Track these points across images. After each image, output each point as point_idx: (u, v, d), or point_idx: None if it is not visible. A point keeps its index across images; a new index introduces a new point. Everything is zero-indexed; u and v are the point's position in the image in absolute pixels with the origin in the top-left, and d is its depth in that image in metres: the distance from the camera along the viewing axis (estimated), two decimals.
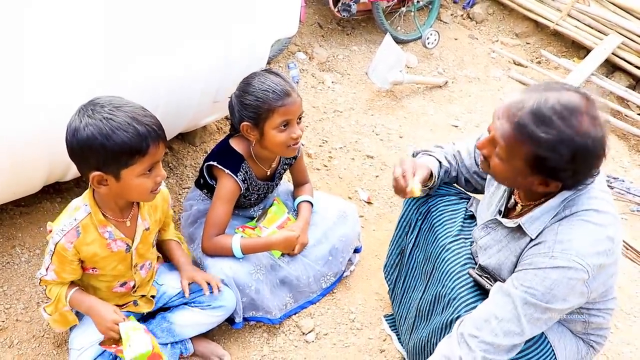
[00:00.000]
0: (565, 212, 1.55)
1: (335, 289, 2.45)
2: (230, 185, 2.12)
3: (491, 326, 1.55)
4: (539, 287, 1.50)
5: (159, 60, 2.08)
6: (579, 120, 1.39)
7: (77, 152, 1.57)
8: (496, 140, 1.52)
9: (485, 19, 5.33)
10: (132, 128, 1.53)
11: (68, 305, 1.83)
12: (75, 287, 1.84)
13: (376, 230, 2.82)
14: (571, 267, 1.47)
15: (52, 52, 1.79)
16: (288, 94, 2.00)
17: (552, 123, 1.40)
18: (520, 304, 1.53)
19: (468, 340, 1.57)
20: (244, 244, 2.11)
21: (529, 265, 1.55)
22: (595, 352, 1.82)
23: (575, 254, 1.48)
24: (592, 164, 1.45)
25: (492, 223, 1.75)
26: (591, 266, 1.48)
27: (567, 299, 1.51)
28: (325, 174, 3.16)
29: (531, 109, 1.43)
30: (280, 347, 2.21)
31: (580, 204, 1.54)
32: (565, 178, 1.47)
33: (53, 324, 1.91)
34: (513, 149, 1.48)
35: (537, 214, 1.58)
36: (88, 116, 1.53)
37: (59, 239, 1.70)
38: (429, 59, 4.64)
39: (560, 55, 4.97)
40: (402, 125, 3.75)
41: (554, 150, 1.41)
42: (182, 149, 3.02)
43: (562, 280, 1.48)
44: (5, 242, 2.35)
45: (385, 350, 2.24)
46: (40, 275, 1.79)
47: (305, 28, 4.45)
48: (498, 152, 1.53)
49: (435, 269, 1.91)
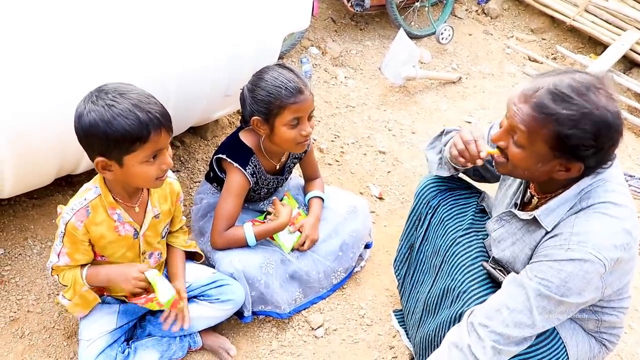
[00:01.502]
0: (582, 204, 1.53)
1: (345, 285, 2.43)
2: (239, 179, 2.12)
3: (502, 316, 1.53)
4: (554, 279, 1.48)
5: (171, 53, 2.08)
6: (596, 95, 1.40)
7: (82, 137, 1.58)
8: (514, 128, 1.50)
9: (500, 14, 5.27)
10: (133, 115, 1.52)
11: (86, 285, 1.82)
12: (87, 265, 1.83)
13: (387, 226, 2.80)
14: (587, 260, 1.45)
15: (63, 46, 1.80)
16: (300, 91, 1.98)
17: (572, 99, 1.40)
18: (534, 296, 1.50)
19: (478, 330, 1.55)
20: (256, 231, 2.12)
21: (544, 257, 1.53)
22: (608, 351, 1.79)
23: (592, 246, 1.45)
24: (614, 139, 1.44)
25: (507, 215, 1.73)
26: (608, 260, 1.45)
27: (582, 293, 1.48)
28: (337, 169, 3.14)
29: (548, 88, 1.43)
30: (289, 342, 2.21)
31: (597, 196, 1.51)
32: (587, 156, 1.45)
33: (74, 308, 1.88)
34: (534, 132, 1.46)
35: (553, 206, 1.56)
36: (92, 102, 1.54)
37: (69, 217, 1.70)
38: (442, 55, 4.60)
39: (577, 52, 4.90)
40: (414, 121, 3.73)
41: (576, 127, 1.40)
42: (194, 142, 3.02)
43: (577, 273, 1.46)
44: (18, 234, 2.37)
45: (394, 346, 2.23)
46: (51, 263, 1.79)
47: (319, 23, 4.43)
48: (517, 139, 1.51)
49: (445, 263, 1.89)
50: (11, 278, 2.22)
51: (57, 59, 1.80)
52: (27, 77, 1.76)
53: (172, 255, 2.05)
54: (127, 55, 1.96)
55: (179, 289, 1.93)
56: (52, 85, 1.81)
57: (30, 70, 1.76)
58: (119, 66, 1.94)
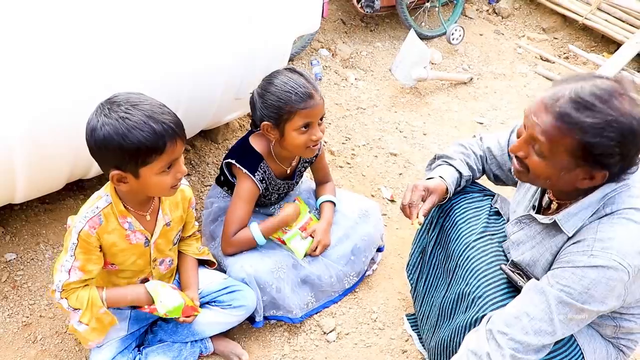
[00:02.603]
0: (606, 210, 1.49)
1: (357, 288, 2.42)
2: (249, 185, 2.11)
3: (522, 324, 1.50)
4: (576, 286, 1.45)
5: (181, 56, 2.08)
6: (619, 101, 1.37)
7: (96, 151, 1.57)
8: (535, 138, 1.47)
9: (511, 13, 5.23)
10: (148, 127, 1.51)
11: (105, 307, 1.77)
12: (103, 288, 1.80)
13: (399, 229, 2.78)
14: (611, 267, 1.41)
15: (73, 50, 1.80)
16: (311, 96, 1.97)
17: (595, 107, 1.36)
18: (555, 303, 1.48)
19: (497, 337, 1.52)
20: (262, 228, 2.14)
21: (566, 263, 1.50)
22: (625, 356, 1.76)
23: (617, 253, 1.42)
24: (639, 145, 1.41)
25: (526, 219, 1.70)
26: (632, 267, 1.42)
27: (604, 301, 1.45)
28: (348, 172, 3.13)
29: (570, 97, 1.39)
30: (301, 347, 2.19)
31: (621, 202, 1.48)
32: (612, 165, 1.41)
33: (91, 334, 1.79)
34: (556, 142, 1.42)
35: (574, 210, 1.53)
36: (105, 115, 1.52)
37: (82, 226, 1.68)
38: (453, 55, 4.57)
39: (589, 50, 4.85)
40: (426, 123, 3.70)
41: (601, 135, 1.36)
42: (204, 146, 3.02)
43: (600, 281, 1.43)
44: (30, 239, 2.37)
45: (407, 350, 2.21)
46: (61, 282, 1.70)
47: (329, 24, 4.42)
48: (538, 149, 1.47)
49: (459, 267, 1.86)
50: (24, 283, 2.22)
51: (68, 63, 1.80)
52: (39, 82, 1.76)
53: (185, 264, 2.04)
54: (138, 60, 1.96)
55: (192, 298, 1.92)
56: (63, 90, 1.81)
57: (42, 75, 1.76)
58: (130, 70, 1.94)
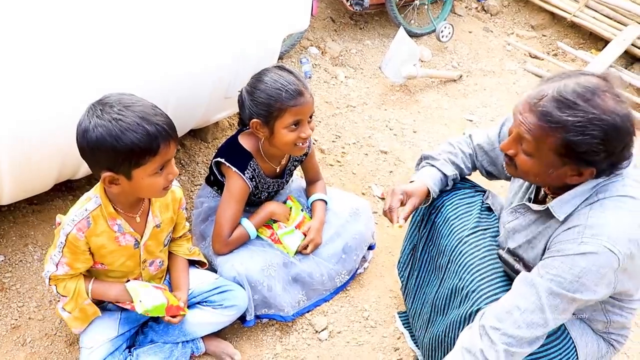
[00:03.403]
0: (598, 196, 1.50)
1: (348, 287, 2.42)
2: (239, 184, 2.10)
3: (513, 318, 1.51)
4: (567, 275, 1.45)
5: (169, 56, 2.07)
6: (602, 99, 1.38)
7: (88, 152, 1.55)
8: (521, 137, 1.49)
9: (500, 11, 5.25)
10: (142, 128, 1.50)
11: (89, 299, 1.81)
12: (92, 278, 1.83)
13: (390, 227, 2.78)
14: (602, 253, 1.41)
15: (62, 50, 1.78)
16: (301, 94, 1.96)
17: (577, 105, 1.38)
18: (545, 294, 1.48)
19: (490, 333, 1.52)
20: (253, 223, 2.18)
21: (556, 252, 1.50)
22: (615, 350, 1.77)
23: (607, 239, 1.42)
24: (624, 142, 1.41)
25: (521, 208, 1.70)
26: (622, 253, 1.42)
27: (596, 289, 1.45)
28: (338, 170, 3.12)
29: (553, 96, 1.41)
30: (293, 346, 2.19)
31: (614, 190, 1.49)
32: (599, 161, 1.42)
33: (73, 322, 1.86)
34: (541, 141, 1.44)
35: (567, 198, 1.53)
36: (97, 116, 1.51)
37: (70, 229, 1.68)
38: (443, 53, 4.58)
39: (578, 47, 4.88)
40: (416, 120, 3.71)
41: (584, 133, 1.37)
42: (194, 145, 3.00)
43: (591, 269, 1.43)
44: (18, 240, 2.35)
45: (399, 348, 2.21)
46: (49, 273, 1.76)
47: (318, 22, 4.41)
48: (525, 148, 1.49)
49: (451, 263, 1.86)
50: (12, 285, 2.20)
51: (56, 62, 1.78)
52: (26, 82, 1.74)
53: (175, 265, 2.03)
54: (127, 59, 1.94)
55: (179, 299, 1.91)
56: (50, 89, 1.79)
57: (29, 75, 1.74)
58: (120, 69, 1.93)
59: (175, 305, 1.86)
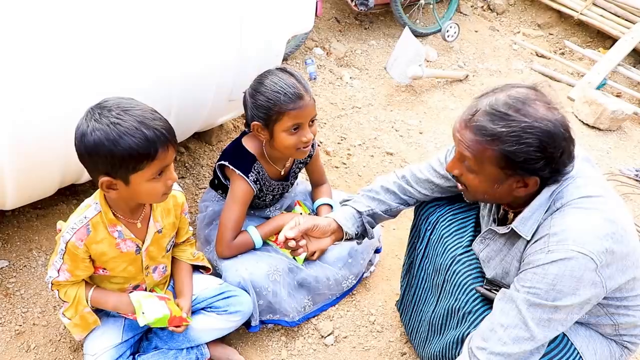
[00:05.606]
0: (557, 204, 1.51)
1: (354, 291, 2.39)
2: (243, 187, 2.08)
3: (498, 335, 1.50)
4: (541, 285, 1.44)
5: (172, 58, 2.05)
6: (533, 107, 1.42)
7: (86, 157, 1.53)
8: (463, 155, 1.51)
9: (506, 10, 5.21)
10: (140, 133, 1.48)
11: (89, 306, 1.80)
12: (92, 286, 1.82)
13: (396, 229, 2.76)
14: (571, 258, 1.41)
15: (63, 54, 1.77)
16: (300, 97, 1.94)
17: (509, 116, 1.41)
18: (525, 307, 1.47)
19: (477, 354, 1.52)
20: (262, 232, 2.14)
21: (527, 265, 1.50)
22: (631, 352, 1.74)
23: (573, 242, 1.42)
24: (561, 147, 1.42)
25: (489, 234, 1.71)
26: (595, 253, 1.41)
27: (576, 292, 1.43)
28: (344, 172, 3.10)
29: (485, 110, 1.45)
30: (299, 351, 2.17)
31: (569, 194, 1.50)
32: (540, 169, 1.44)
33: (73, 329, 1.86)
34: (480, 156, 1.47)
35: (528, 214, 1.54)
36: (95, 120, 1.49)
37: (70, 237, 1.67)
38: (449, 53, 4.55)
39: (585, 46, 4.84)
40: (422, 121, 3.68)
41: (519, 142, 1.40)
42: (199, 148, 2.99)
43: (564, 274, 1.42)
44: (23, 245, 2.34)
45: (406, 353, 2.19)
46: (51, 278, 1.76)
47: (323, 23, 4.39)
48: (468, 165, 1.52)
49: (447, 282, 1.85)
50: (16, 290, 2.19)
51: (58, 65, 1.77)
52: (29, 87, 1.72)
53: (178, 271, 2.01)
54: (130, 61, 1.93)
55: (182, 307, 1.89)
56: (53, 94, 1.78)
57: (32, 79, 1.72)
58: (122, 72, 1.91)
59: (178, 316, 1.84)
